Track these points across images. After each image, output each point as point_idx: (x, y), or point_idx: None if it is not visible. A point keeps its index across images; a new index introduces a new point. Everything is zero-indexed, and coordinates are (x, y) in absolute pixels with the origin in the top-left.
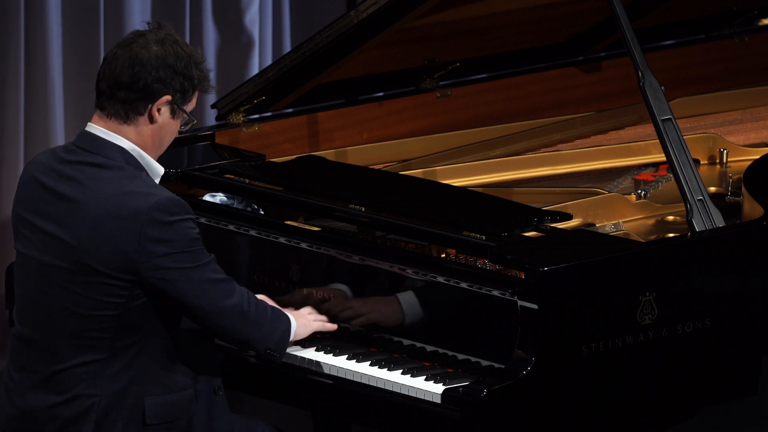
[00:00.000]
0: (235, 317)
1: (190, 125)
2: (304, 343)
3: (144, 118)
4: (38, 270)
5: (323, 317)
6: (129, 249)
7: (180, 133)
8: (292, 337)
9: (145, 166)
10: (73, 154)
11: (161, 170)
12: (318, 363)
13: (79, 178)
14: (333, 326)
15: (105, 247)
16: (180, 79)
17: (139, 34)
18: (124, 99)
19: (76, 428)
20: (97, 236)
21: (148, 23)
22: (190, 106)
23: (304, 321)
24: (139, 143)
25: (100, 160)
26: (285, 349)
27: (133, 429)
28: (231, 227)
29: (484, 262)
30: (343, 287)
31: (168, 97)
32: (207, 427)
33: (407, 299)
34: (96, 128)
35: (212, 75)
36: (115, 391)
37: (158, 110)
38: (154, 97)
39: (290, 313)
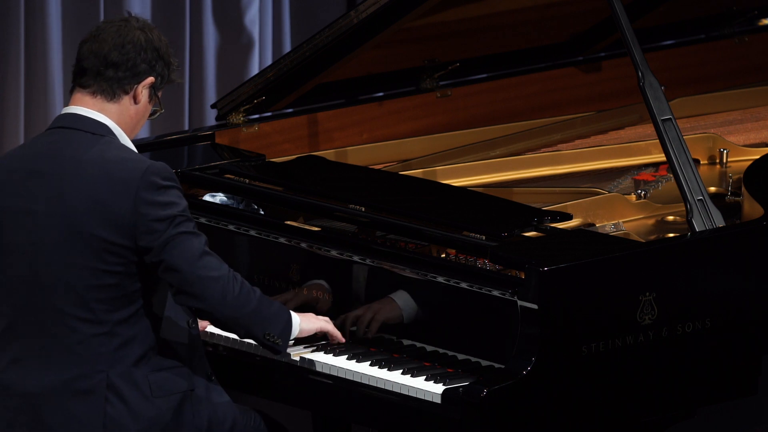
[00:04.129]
0: (218, 290)
1: (158, 114)
2: (305, 343)
3: (129, 97)
4: (31, 253)
5: (334, 328)
6: (125, 212)
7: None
8: (296, 331)
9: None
10: (54, 135)
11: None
12: (318, 363)
13: (64, 151)
14: (339, 335)
15: (100, 212)
16: (162, 63)
17: (120, 19)
18: (113, 77)
19: (85, 406)
20: (91, 202)
21: (118, 16)
22: (160, 93)
23: (307, 318)
24: (121, 123)
25: (84, 135)
26: (287, 338)
27: (141, 402)
28: (231, 227)
29: (484, 262)
30: (321, 282)
31: (152, 79)
32: (209, 407)
33: (403, 298)
34: (77, 108)
35: (212, 75)
36: (123, 368)
37: (141, 91)
38: (140, 78)
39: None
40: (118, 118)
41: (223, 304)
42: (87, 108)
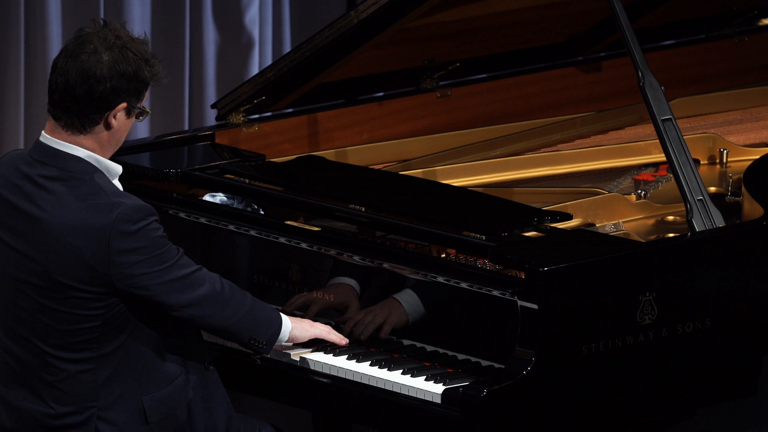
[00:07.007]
0: (211, 303)
1: (145, 116)
2: (305, 343)
3: (100, 126)
4: (14, 285)
5: (335, 333)
6: (99, 263)
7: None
8: (286, 337)
9: (103, 170)
10: (32, 167)
11: (119, 169)
12: (318, 363)
13: (40, 194)
14: (339, 338)
15: (74, 264)
16: (134, 83)
17: (86, 40)
18: (79, 111)
19: None
20: (65, 253)
21: (93, 20)
22: (143, 102)
23: (302, 325)
24: (96, 149)
25: (58, 174)
26: (273, 342)
27: (135, 428)
28: (231, 227)
29: (484, 262)
30: (349, 281)
31: (124, 105)
32: (205, 405)
33: (409, 301)
34: (51, 139)
35: (212, 75)
36: (113, 398)
37: (114, 116)
38: (110, 107)
39: (289, 318)
40: (92, 145)
41: (216, 315)
42: (61, 141)
